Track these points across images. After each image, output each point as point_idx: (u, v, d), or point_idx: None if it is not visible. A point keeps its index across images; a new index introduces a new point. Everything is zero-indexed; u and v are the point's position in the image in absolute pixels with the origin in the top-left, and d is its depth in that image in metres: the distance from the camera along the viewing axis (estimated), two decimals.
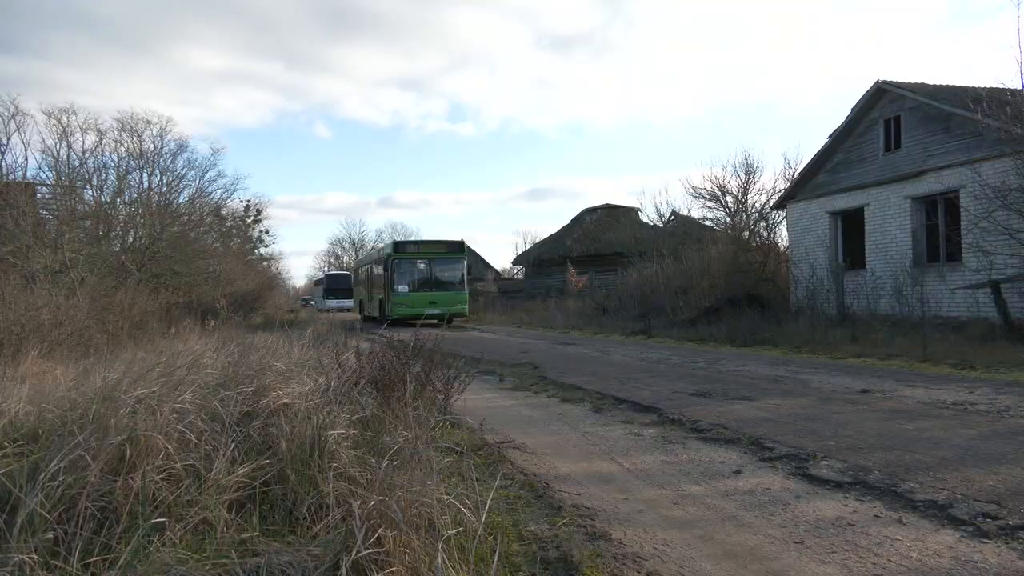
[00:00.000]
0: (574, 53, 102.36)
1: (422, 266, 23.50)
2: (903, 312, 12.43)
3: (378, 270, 25.92)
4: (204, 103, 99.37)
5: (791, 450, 4.03)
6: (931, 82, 15.01)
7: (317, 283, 64.80)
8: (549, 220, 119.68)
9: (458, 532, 2.21)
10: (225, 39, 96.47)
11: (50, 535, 2.27)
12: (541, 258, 36.58)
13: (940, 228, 13.90)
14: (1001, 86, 12.17)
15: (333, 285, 52.68)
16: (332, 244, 76.03)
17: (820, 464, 3.71)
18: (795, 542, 2.65)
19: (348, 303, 51.44)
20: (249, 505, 2.68)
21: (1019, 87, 11.48)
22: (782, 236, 20.26)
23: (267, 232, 38.13)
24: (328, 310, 46.90)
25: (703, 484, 3.47)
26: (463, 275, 24.30)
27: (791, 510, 3.02)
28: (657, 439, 4.52)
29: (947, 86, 14.65)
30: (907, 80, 14.97)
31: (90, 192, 18.50)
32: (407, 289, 22.78)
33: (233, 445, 2.96)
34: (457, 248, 24.07)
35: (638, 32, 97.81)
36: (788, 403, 5.64)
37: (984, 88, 12.72)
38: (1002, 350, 8.62)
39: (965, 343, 9.48)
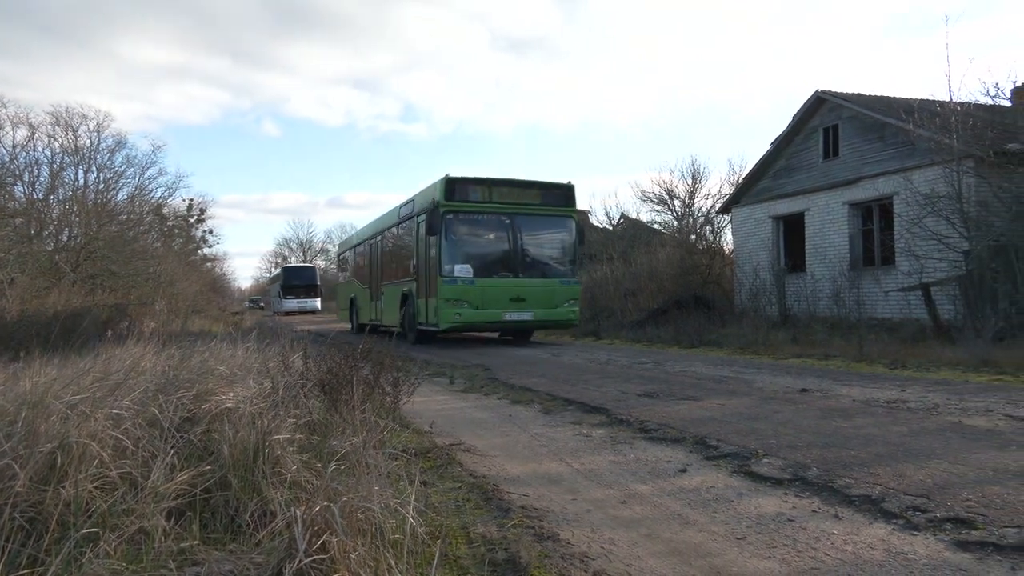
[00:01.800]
0: (529, 55, 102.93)
1: (498, 229, 12.98)
2: (841, 313, 12.89)
3: (403, 240, 15.19)
4: (147, 98, 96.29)
5: (734, 449, 4.14)
6: (868, 92, 15.63)
7: (272, 280, 54.62)
8: None
9: (404, 536, 2.19)
10: (169, 32, 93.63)
11: None
12: None
13: (875, 233, 14.48)
14: (931, 98, 12.77)
15: (293, 281, 42.88)
16: (279, 245, 74.30)
17: (762, 462, 3.82)
18: (737, 538, 2.71)
19: (312, 304, 41.82)
20: (189, 513, 2.60)
21: (947, 99, 12.05)
22: (727, 240, 20.79)
23: (211, 232, 36.65)
24: (287, 313, 39.45)
25: (650, 483, 3.52)
26: (575, 248, 13.54)
27: (734, 507, 3.10)
28: (605, 439, 4.57)
29: (882, 97, 15.28)
30: (845, 90, 15.54)
31: (21, 189, 17.71)
32: (469, 273, 12.38)
33: (173, 451, 2.87)
34: (563, 197, 13.35)
35: (593, 35, 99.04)
36: (732, 403, 5.78)
37: (916, 99, 13.32)
38: (932, 350, 9.02)
39: (898, 343, 9.88)
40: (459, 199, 12.65)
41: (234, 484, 2.74)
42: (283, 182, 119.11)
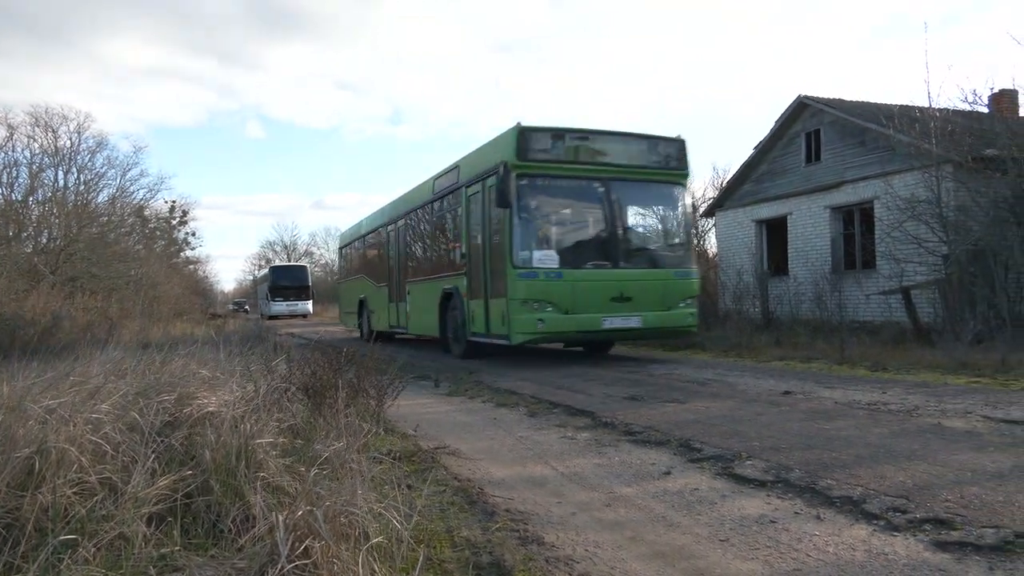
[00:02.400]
0: (521, 56, 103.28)
1: (590, 199, 9.61)
2: (823, 316, 13.02)
3: (442, 222, 11.82)
4: (131, 99, 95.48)
5: (718, 451, 4.16)
6: (849, 98, 15.82)
7: (259, 281, 50.55)
8: None
9: (388, 540, 2.18)
10: (153, 33, 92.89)
11: None
12: None
13: (856, 237, 14.66)
14: (911, 104, 12.95)
15: (281, 281, 38.74)
16: (263, 247, 73.58)
17: (745, 464, 3.84)
18: (721, 540, 2.73)
19: (303, 307, 38.18)
20: (170, 518, 2.57)
21: (927, 105, 12.23)
22: (711, 243, 20.93)
23: (193, 234, 36.23)
24: (275, 316, 35.92)
25: (634, 486, 3.53)
26: (687, 226, 10.46)
27: (717, 509, 3.11)
28: (590, 442, 4.58)
29: (863, 102, 15.47)
30: (827, 95, 15.72)
31: None
32: (555, 263, 9.00)
33: (153, 456, 2.83)
34: (674, 155, 9.88)
35: (584, 36, 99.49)
36: (716, 405, 5.82)
37: (896, 105, 13.49)
38: (911, 352, 9.13)
39: (879, 346, 9.99)
40: (537, 158, 8.90)
41: (216, 489, 2.71)
42: (268, 184, 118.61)
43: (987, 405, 5.43)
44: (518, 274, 8.72)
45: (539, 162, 9.00)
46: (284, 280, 38.97)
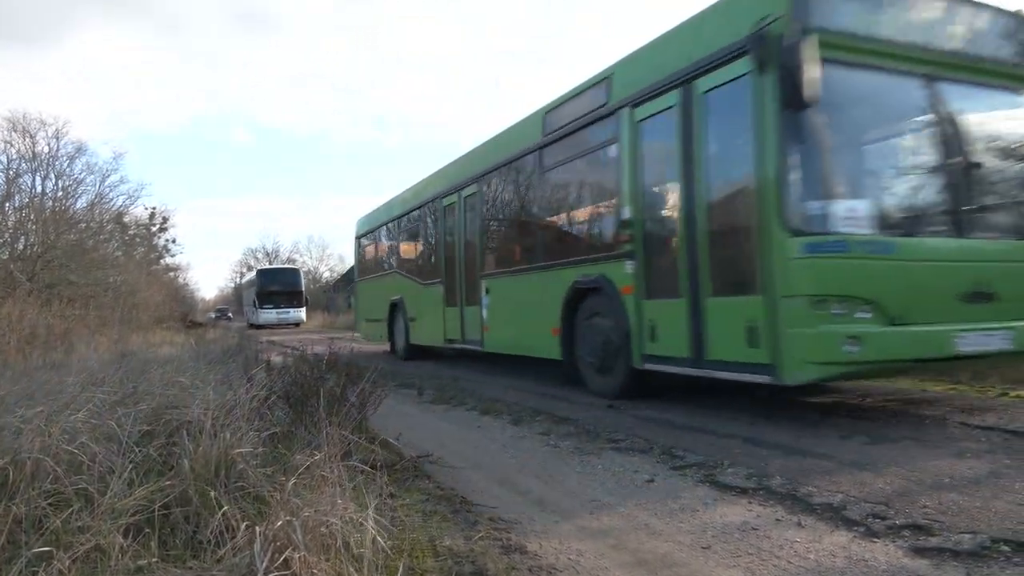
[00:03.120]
0: (506, 61, 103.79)
1: (917, 111, 4.94)
2: None
3: (590, 160, 7.06)
4: (114, 104, 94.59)
5: (700, 458, 4.17)
6: None
7: (244, 287, 46.10)
8: None
9: (368, 551, 2.17)
10: (138, 37, 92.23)
11: None
12: None
13: None
14: None
15: (270, 286, 34.94)
16: (245, 254, 72.82)
17: (727, 471, 3.86)
18: (703, 547, 2.74)
19: (295, 315, 34.88)
20: (147, 529, 2.53)
21: None
22: None
23: (174, 241, 35.81)
24: (262, 325, 32.91)
25: (617, 494, 3.54)
26: None
27: (700, 516, 3.12)
28: (574, 450, 4.58)
29: None
30: None
31: None
32: (873, 224, 4.48)
33: (131, 466, 2.79)
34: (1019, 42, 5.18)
35: (571, 45, 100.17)
36: (698, 411, 5.83)
37: None
38: None
39: None
40: (837, 25, 4.68)
41: (195, 499, 2.68)
42: (252, 189, 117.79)
43: (963, 412, 5.50)
44: (802, 245, 4.43)
45: (840, 34, 4.65)
46: (273, 285, 34.74)
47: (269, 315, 33.38)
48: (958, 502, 3.14)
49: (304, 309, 36.56)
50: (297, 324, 34.18)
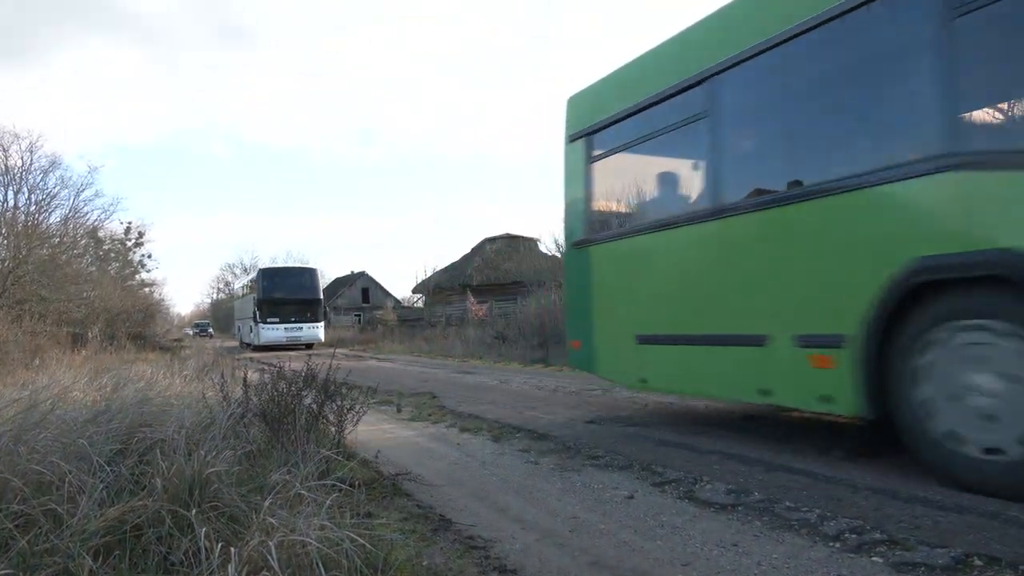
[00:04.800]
0: (488, 80, 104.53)
1: None
2: None
3: None
4: (90, 116, 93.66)
5: (680, 474, 4.18)
6: None
7: (238, 297, 36.43)
8: (454, 247, 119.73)
9: (345, 571, 2.14)
10: (116, 51, 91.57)
11: None
12: (441, 286, 36.40)
13: None
14: None
15: (277, 291, 26.00)
16: (223, 270, 71.92)
17: (706, 487, 3.87)
18: (683, 564, 2.74)
19: (311, 333, 25.96)
20: (118, 551, 2.48)
21: None
22: None
23: (149, 256, 35.37)
24: (268, 347, 24.56)
25: (597, 510, 3.53)
26: None
27: (680, 533, 3.12)
28: (554, 467, 4.56)
29: None
30: None
31: None
32: None
33: (102, 486, 2.74)
34: None
35: (550, 63, 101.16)
36: (679, 428, 5.85)
37: None
38: None
39: None
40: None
41: (167, 520, 2.63)
42: (231, 204, 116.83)
43: None
44: None
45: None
46: (281, 290, 25.86)
47: (274, 333, 25.00)
48: (933, 516, 3.17)
49: (322, 324, 27.59)
50: (311, 344, 25.76)
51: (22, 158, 20.23)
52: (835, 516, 3.23)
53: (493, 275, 33.05)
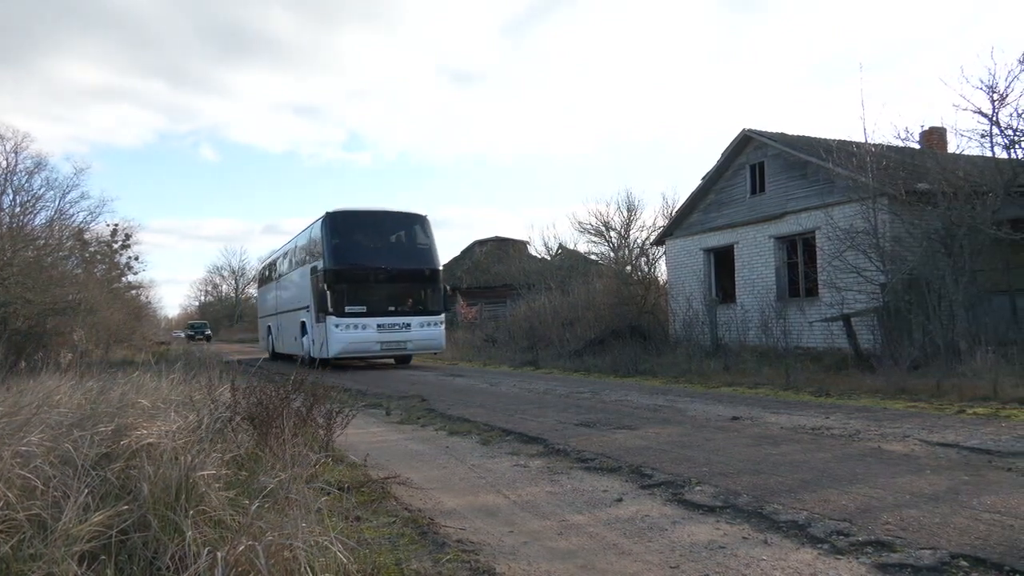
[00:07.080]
0: (476, 85, 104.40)
1: None
2: (769, 343, 13.32)
3: None
4: (77, 119, 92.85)
5: (668, 477, 4.20)
6: (791, 132, 16.40)
7: (270, 268, 21.41)
8: (444, 250, 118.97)
9: (334, 574, 2.13)
10: (103, 53, 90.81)
11: None
12: None
13: (800, 265, 15.12)
14: (848, 139, 13.51)
15: (366, 256, 15.31)
16: (210, 272, 71.16)
17: (695, 490, 3.88)
18: (671, 567, 2.74)
19: (427, 334, 15.79)
20: (103, 556, 2.45)
21: (863, 140, 12.79)
22: (662, 271, 21.23)
23: (136, 259, 34.87)
24: (345, 358, 15.33)
25: (586, 513, 3.53)
26: None
27: (668, 535, 3.13)
28: (543, 470, 4.56)
29: (804, 137, 16.08)
30: (770, 130, 16.29)
31: None
32: None
33: (87, 491, 2.70)
34: None
35: (538, 67, 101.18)
36: (666, 431, 5.88)
37: (835, 140, 14.05)
38: (853, 378, 9.41)
39: (822, 372, 10.28)
40: None
41: (154, 524, 2.60)
42: (219, 208, 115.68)
43: (924, 429, 5.63)
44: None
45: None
46: (370, 255, 15.55)
47: (362, 334, 15.03)
48: (918, 518, 3.20)
49: (443, 318, 16.66)
50: (408, 358, 17.11)
51: (7, 159, 19.99)
52: (822, 518, 3.24)
53: (483, 278, 33.02)
